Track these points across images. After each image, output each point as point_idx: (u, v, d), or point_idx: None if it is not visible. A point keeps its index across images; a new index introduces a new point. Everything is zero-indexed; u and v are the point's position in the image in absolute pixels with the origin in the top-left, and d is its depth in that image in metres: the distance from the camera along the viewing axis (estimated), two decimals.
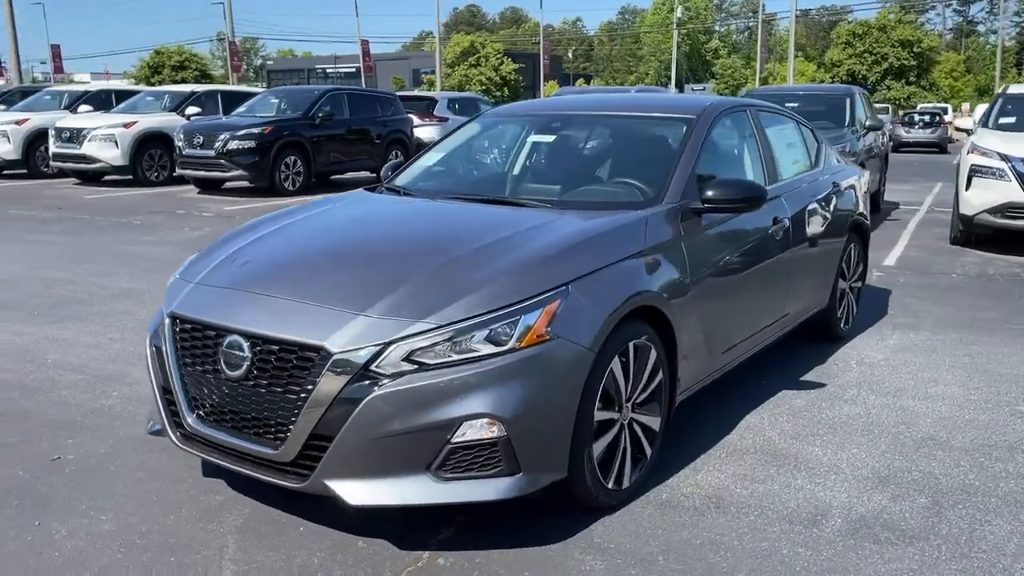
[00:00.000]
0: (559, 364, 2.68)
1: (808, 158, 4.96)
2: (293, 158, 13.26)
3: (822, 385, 4.43)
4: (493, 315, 2.63)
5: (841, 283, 5.10)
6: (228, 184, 13.56)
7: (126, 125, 14.18)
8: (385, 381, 2.52)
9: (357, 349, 2.54)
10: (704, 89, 58.41)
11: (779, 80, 56.43)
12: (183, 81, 64.34)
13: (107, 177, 14.84)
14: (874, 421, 3.94)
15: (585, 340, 2.73)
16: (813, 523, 2.97)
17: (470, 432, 2.55)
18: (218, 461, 2.81)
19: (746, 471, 3.38)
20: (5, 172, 15.78)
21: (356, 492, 2.56)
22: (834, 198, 4.90)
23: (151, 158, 14.41)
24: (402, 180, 4.24)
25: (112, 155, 14.01)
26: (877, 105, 25.27)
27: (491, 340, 2.61)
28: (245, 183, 13.10)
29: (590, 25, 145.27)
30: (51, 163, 14.82)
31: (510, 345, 2.61)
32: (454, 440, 2.55)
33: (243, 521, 2.92)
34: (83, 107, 16.11)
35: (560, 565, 2.67)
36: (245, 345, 2.70)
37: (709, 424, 3.86)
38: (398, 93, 18.60)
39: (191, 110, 14.82)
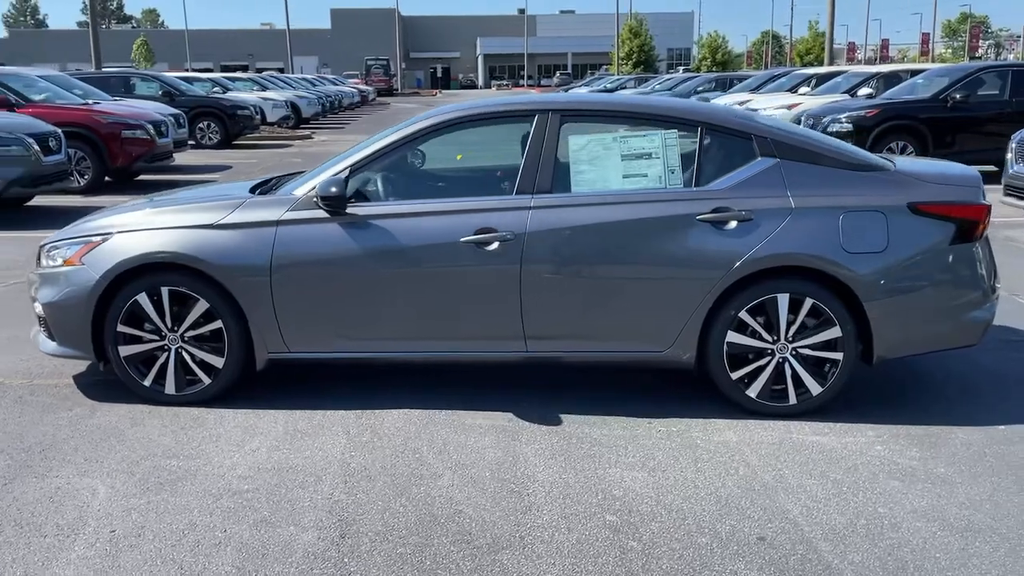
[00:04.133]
0: (79, 282, 4.15)
1: (674, 174, 4.04)
2: (902, 143, 12.50)
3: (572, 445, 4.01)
4: (64, 241, 4.30)
5: (743, 340, 3.98)
6: None
7: (789, 107, 15.32)
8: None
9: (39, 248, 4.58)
10: None
11: None
12: None
13: None
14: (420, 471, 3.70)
15: (98, 273, 4.11)
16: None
17: (38, 309, 4.35)
18: None
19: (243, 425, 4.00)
20: None
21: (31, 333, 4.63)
22: (695, 227, 3.93)
23: None
24: None
25: None
26: None
27: (62, 256, 4.30)
28: None
29: None
30: None
31: (60, 262, 4.26)
32: (37, 312, 4.39)
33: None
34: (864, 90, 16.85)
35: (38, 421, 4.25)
36: None
37: (329, 399, 4.28)
38: None
39: (863, 91, 14.96)
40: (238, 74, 32.76)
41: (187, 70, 54.47)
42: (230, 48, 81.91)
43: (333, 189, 3.95)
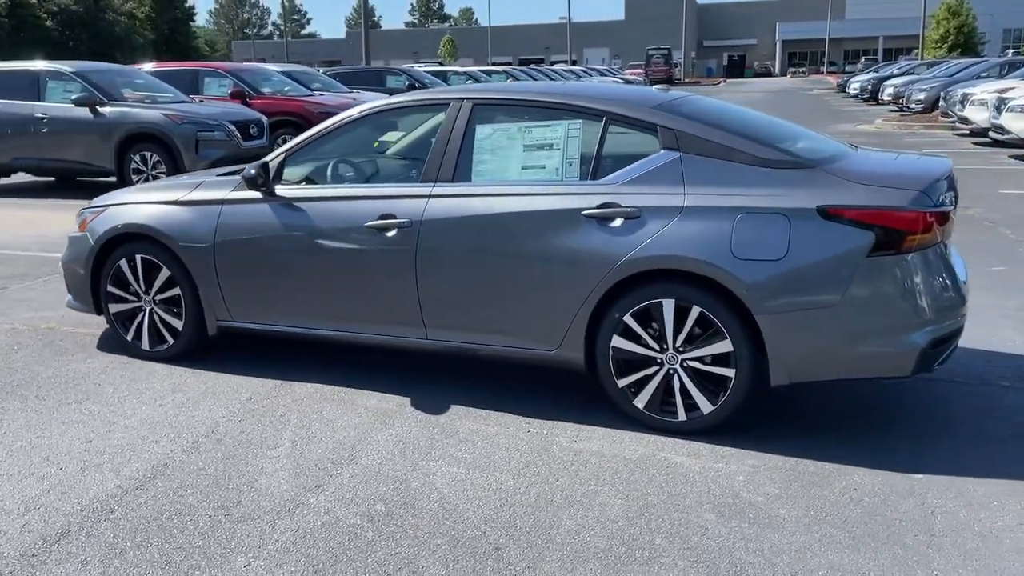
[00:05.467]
0: (84, 246, 4.84)
1: (572, 167, 3.82)
2: None
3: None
4: (86, 210, 5.01)
5: (629, 346, 3.70)
6: None
7: None
8: None
9: None
10: None
11: None
12: None
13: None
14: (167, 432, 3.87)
15: (93, 238, 4.77)
16: None
17: (60, 267, 5.12)
18: None
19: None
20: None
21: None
22: (580, 223, 3.70)
23: None
24: None
25: (1020, 127, 13.39)
26: None
27: (79, 223, 5.03)
28: None
29: None
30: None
31: (78, 226, 4.98)
32: (61, 269, 5.16)
33: None
34: None
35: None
36: None
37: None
38: None
39: None
40: (495, 67, 34.24)
41: (489, 64, 58.21)
42: (528, 42, 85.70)
43: (252, 171, 4.26)
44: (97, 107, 10.91)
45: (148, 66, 15.07)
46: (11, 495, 3.27)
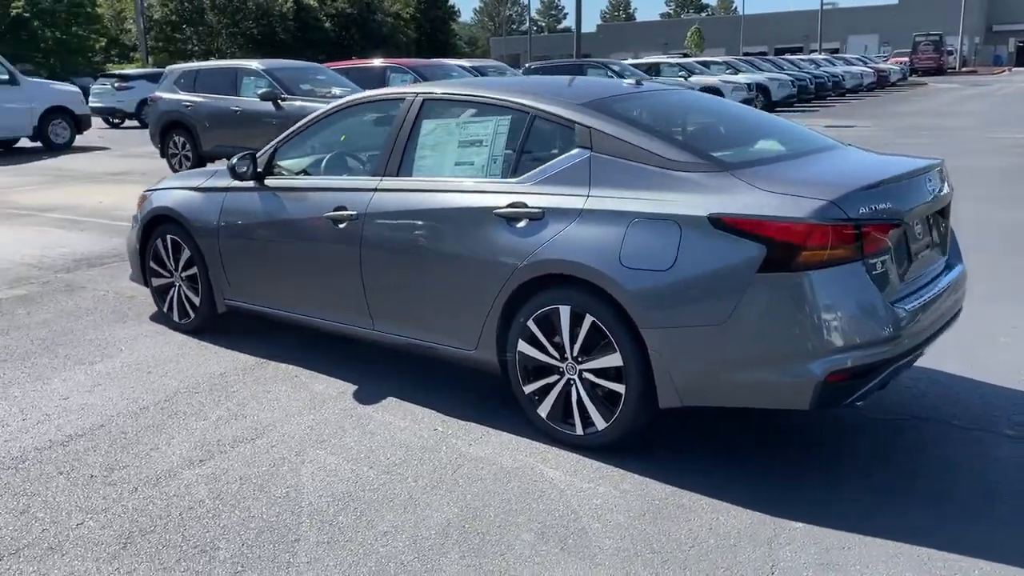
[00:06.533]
0: (134, 227, 5.42)
1: (496, 164, 3.70)
2: None
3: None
4: (145, 191, 5.58)
5: (533, 352, 3.53)
6: None
7: None
8: None
9: None
10: None
11: None
12: None
13: None
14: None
15: (139, 220, 5.32)
16: None
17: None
18: None
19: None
20: None
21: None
22: (491, 222, 3.58)
23: None
24: None
25: None
26: None
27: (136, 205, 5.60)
28: None
29: None
30: None
31: (137, 206, 5.56)
32: None
33: None
34: None
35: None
36: None
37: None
38: None
39: None
40: (715, 58, 32.92)
41: (744, 55, 56.44)
42: (785, 30, 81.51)
43: (234, 161, 4.53)
44: (279, 101, 11.92)
45: (377, 61, 16.24)
46: None
